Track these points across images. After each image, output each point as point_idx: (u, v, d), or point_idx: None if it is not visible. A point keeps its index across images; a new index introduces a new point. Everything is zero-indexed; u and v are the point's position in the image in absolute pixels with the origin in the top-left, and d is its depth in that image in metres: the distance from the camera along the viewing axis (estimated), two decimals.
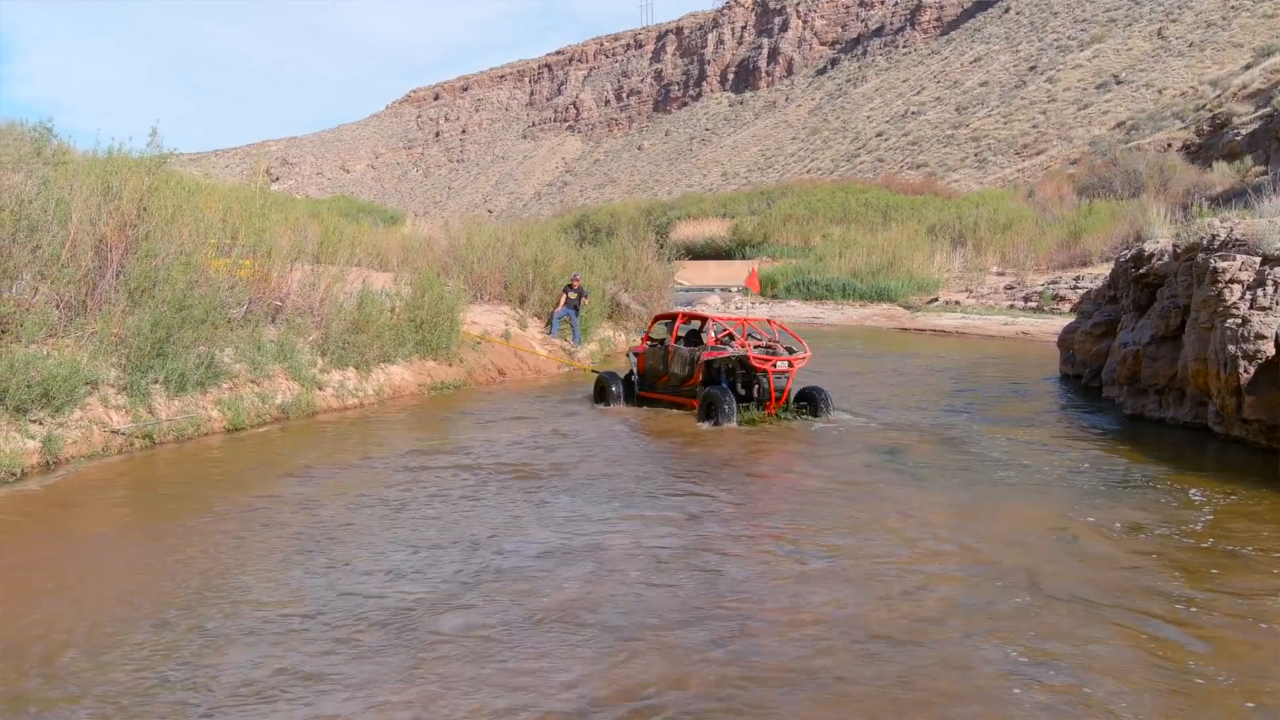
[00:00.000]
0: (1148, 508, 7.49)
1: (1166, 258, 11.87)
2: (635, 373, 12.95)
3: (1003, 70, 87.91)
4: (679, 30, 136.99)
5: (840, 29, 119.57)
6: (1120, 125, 61.91)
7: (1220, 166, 37.34)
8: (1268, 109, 41.80)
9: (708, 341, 12.17)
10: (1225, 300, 9.21)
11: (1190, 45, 71.69)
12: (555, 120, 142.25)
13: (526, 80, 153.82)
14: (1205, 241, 10.31)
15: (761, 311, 27.38)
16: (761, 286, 35.25)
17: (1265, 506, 7.49)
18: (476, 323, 16.53)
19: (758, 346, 11.98)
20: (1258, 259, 9.35)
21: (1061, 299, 26.54)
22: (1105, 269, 21.20)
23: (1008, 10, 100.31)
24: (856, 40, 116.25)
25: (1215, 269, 9.45)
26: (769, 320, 13.11)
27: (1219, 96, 52.24)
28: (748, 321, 12.87)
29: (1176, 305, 11.00)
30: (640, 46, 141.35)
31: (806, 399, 11.65)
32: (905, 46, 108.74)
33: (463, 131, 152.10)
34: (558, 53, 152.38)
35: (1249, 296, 9.11)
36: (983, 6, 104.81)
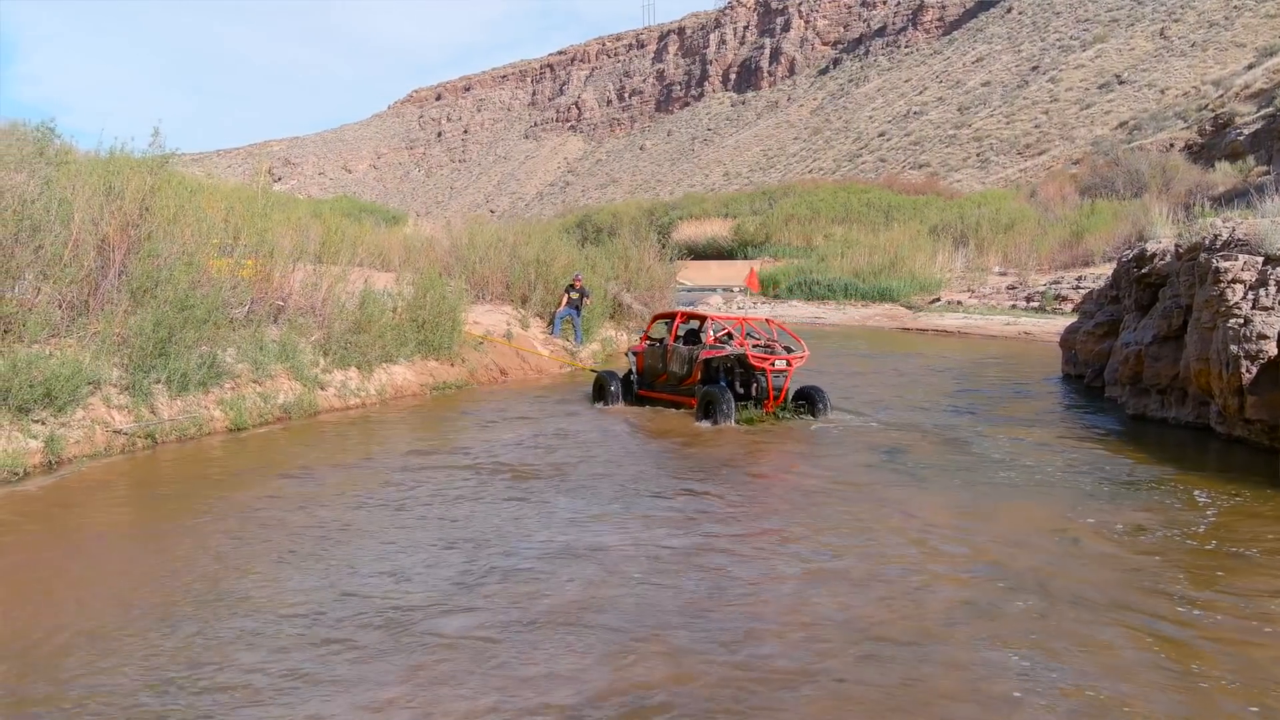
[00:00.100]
0: (1151, 508, 7.48)
1: (1169, 258, 11.86)
2: (634, 372, 13.00)
3: (1005, 70, 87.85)
4: (681, 30, 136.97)
5: (842, 29, 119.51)
6: (1123, 125, 61.85)
7: (1223, 166, 37.30)
8: (1270, 109, 41.76)
9: (706, 340, 12.20)
10: (1227, 300, 9.20)
11: (1193, 45, 71.64)
12: (557, 120, 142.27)
13: (529, 80, 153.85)
14: (1207, 241, 10.30)
15: (764, 311, 27.39)
16: (764, 286, 35.37)
17: (1268, 507, 7.48)
18: (478, 323, 16.54)
19: (756, 346, 12.00)
20: (1260, 259, 9.34)
21: (1064, 299, 26.51)
22: (1107, 269, 21.18)
23: (1010, 10, 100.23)
24: (859, 40, 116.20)
25: (1218, 269, 9.44)
26: (767, 320, 13.16)
27: (1221, 96, 52.19)
28: (746, 321, 12.92)
29: (1179, 305, 10.99)
30: (642, 46, 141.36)
31: (805, 398, 11.68)
32: (907, 46, 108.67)
33: (465, 131, 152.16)
34: (560, 53, 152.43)
35: (1251, 296, 9.11)
36: (985, 6, 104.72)
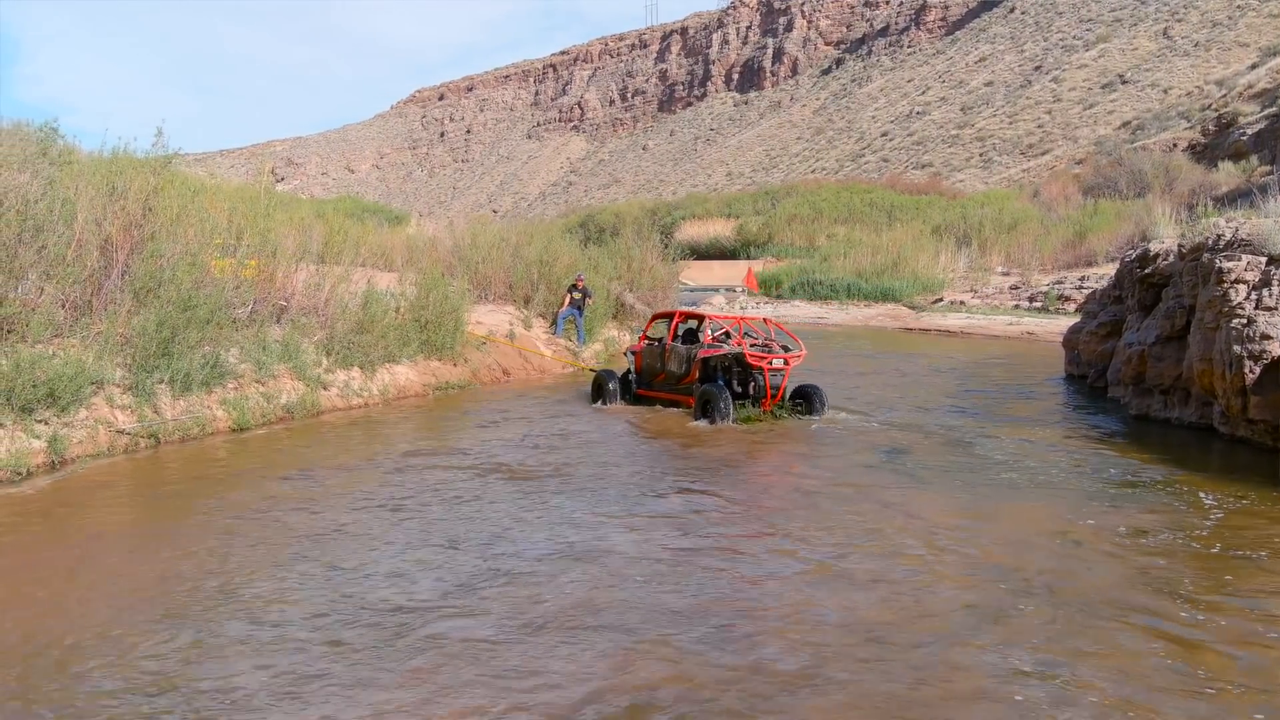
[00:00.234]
0: (1154, 509, 7.47)
1: (1172, 258, 11.84)
2: (633, 371, 13.06)
3: (1008, 70, 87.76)
4: (684, 30, 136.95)
5: (845, 29, 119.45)
6: (1126, 125, 61.79)
7: (1226, 166, 37.25)
8: (1274, 108, 41.70)
9: (704, 340, 12.24)
10: (1230, 300, 9.19)
11: (1196, 45, 71.53)
12: (560, 120, 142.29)
13: (531, 80, 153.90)
14: (1210, 241, 10.28)
15: (767, 311, 27.39)
16: (766, 287, 35.47)
17: (1272, 507, 7.47)
18: (481, 323, 16.54)
19: (754, 345, 12.03)
20: (1263, 259, 9.33)
21: (1066, 299, 26.49)
22: (1110, 269, 21.18)
23: (1013, 10, 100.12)
24: (861, 40, 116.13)
25: (1220, 269, 9.43)
26: (765, 319, 13.24)
27: (1225, 96, 52.12)
28: (744, 320, 12.98)
29: (1182, 305, 10.98)
30: (645, 46, 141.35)
31: (802, 396, 11.73)
32: (910, 46, 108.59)
33: (467, 132, 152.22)
34: (562, 53, 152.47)
35: (1254, 297, 9.09)
36: (988, 6, 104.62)
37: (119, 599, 5.46)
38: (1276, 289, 8.97)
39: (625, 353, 14.03)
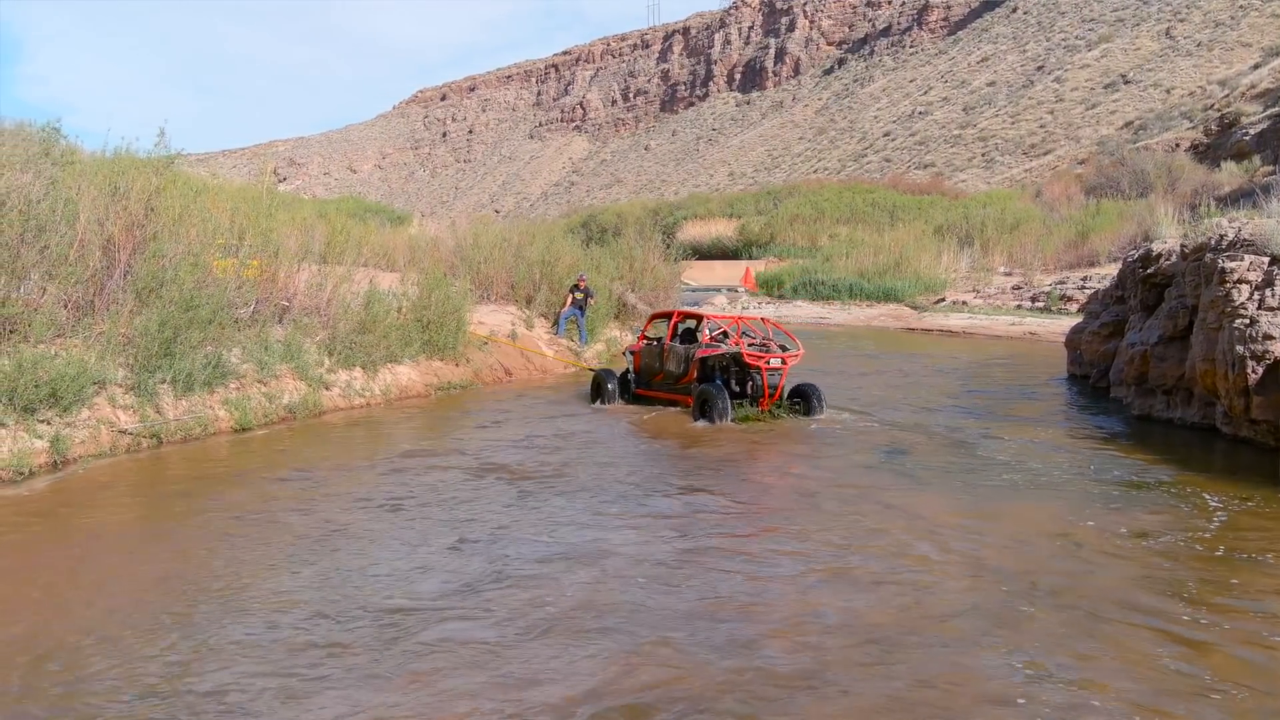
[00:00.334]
0: (1157, 510, 7.46)
1: (1174, 258, 11.83)
2: (631, 371, 13.08)
3: (1010, 70, 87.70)
4: (686, 30, 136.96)
5: (847, 29, 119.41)
6: (1128, 125, 61.75)
7: (1228, 166, 37.18)
8: (1276, 108, 41.64)
9: (702, 339, 12.25)
10: (1233, 300, 9.17)
11: (1198, 45, 71.47)
12: (562, 120, 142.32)
13: (533, 80, 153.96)
14: (1213, 241, 10.27)
15: (769, 311, 27.40)
16: (769, 287, 35.55)
17: (1276, 508, 7.45)
18: (483, 323, 16.55)
19: (751, 344, 12.05)
20: (1266, 259, 9.32)
21: (1069, 299, 26.46)
22: (1113, 269, 21.15)
23: (1015, 10, 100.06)
24: (864, 40, 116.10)
25: (1223, 269, 9.41)
26: (762, 319, 13.30)
27: (1227, 96, 52.07)
28: (742, 319, 13.01)
29: (1184, 305, 10.96)
30: (647, 47, 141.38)
31: (800, 396, 11.75)
32: (912, 46, 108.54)
33: (469, 132, 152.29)
34: (564, 53, 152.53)
35: (1257, 297, 9.08)
36: (990, 6, 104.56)
37: (120, 599, 5.46)
38: (1279, 289, 8.95)
39: (624, 352, 14.08)
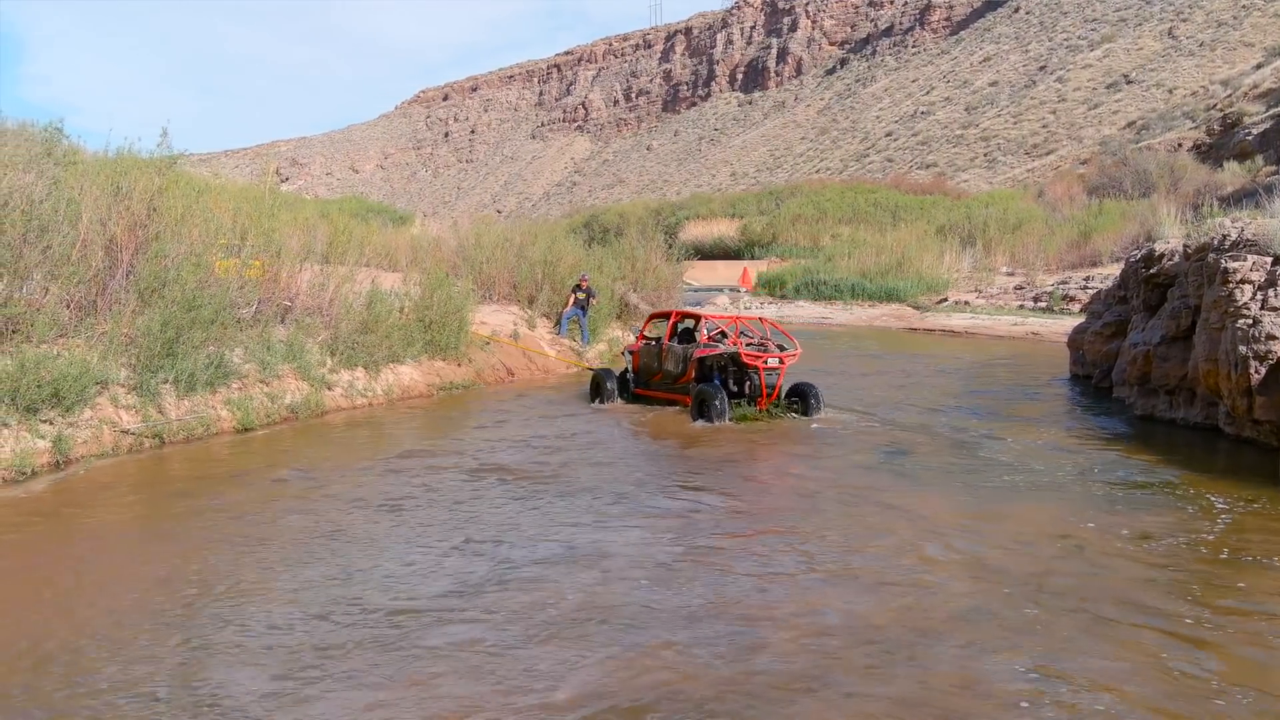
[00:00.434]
0: (1161, 511, 7.44)
1: (1177, 258, 11.81)
2: (630, 370, 13.10)
3: (1012, 70, 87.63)
4: (688, 30, 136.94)
5: (849, 29, 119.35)
6: (1130, 125, 61.69)
7: (1231, 166, 37.15)
8: (1279, 108, 41.58)
9: (701, 339, 12.28)
10: (1236, 300, 9.16)
11: (1201, 45, 71.39)
12: (564, 120, 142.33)
13: (535, 80, 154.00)
14: (1216, 241, 10.26)
15: (771, 311, 27.40)
16: (771, 287, 35.64)
17: (1279, 509, 7.44)
18: (485, 323, 16.55)
19: (749, 344, 12.07)
20: (1269, 259, 9.30)
21: (1071, 299, 26.44)
22: (1115, 269, 21.13)
23: (1017, 10, 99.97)
24: (866, 40, 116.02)
25: (1226, 269, 9.40)
26: (760, 318, 13.34)
27: (1230, 96, 52.02)
28: (740, 319, 13.05)
29: (1187, 305, 10.95)
30: (649, 47, 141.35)
31: (797, 395, 11.77)
32: (914, 46, 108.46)
33: (472, 132, 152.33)
34: (567, 53, 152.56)
35: (1260, 297, 9.06)
36: (992, 6, 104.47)
37: (122, 600, 5.47)
38: None
39: (623, 352, 14.11)
